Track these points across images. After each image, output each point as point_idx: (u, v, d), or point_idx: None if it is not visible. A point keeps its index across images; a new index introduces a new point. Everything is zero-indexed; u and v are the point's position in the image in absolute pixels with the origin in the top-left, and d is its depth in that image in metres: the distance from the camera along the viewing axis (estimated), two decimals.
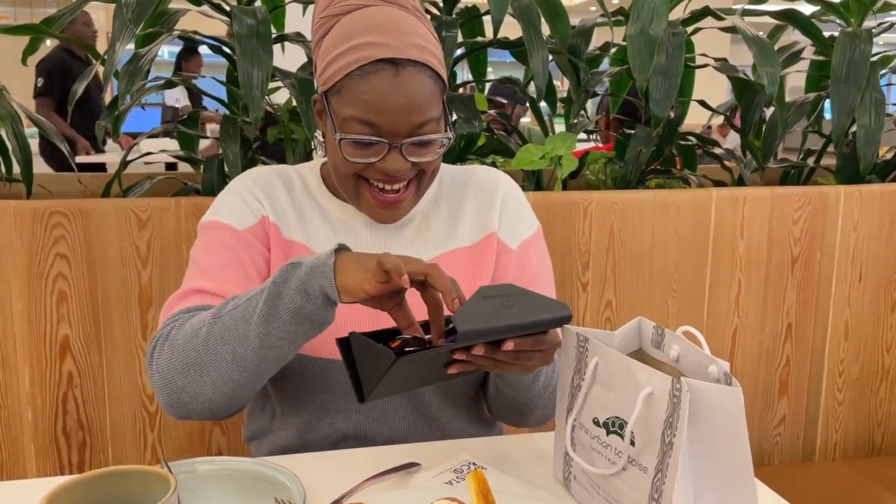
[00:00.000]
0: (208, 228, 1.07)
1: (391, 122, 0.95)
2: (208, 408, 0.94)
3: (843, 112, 1.76)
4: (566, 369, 0.84)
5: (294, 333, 0.88)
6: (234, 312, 0.91)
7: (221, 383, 0.92)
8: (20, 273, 1.36)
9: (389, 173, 0.97)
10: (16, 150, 1.52)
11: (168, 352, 0.94)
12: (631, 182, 1.76)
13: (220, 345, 0.90)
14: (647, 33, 1.57)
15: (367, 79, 0.95)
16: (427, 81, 0.97)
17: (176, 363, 0.93)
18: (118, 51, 1.44)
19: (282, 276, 0.88)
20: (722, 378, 0.72)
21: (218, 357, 0.91)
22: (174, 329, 0.96)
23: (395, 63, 0.95)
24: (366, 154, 0.97)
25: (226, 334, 0.90)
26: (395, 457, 0.95)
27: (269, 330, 0.88)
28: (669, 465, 0.69)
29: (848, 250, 1.73)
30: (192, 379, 0.92)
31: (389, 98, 0.94)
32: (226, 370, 0.91)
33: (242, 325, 0.89)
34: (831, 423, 1.81)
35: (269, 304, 0.87)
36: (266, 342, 0.89)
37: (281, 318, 0.87)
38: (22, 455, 1.42)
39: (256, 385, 0.95)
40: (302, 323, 0.88)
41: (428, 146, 0.98)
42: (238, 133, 1.56)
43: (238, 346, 0.90)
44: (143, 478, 0.61)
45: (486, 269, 1.12)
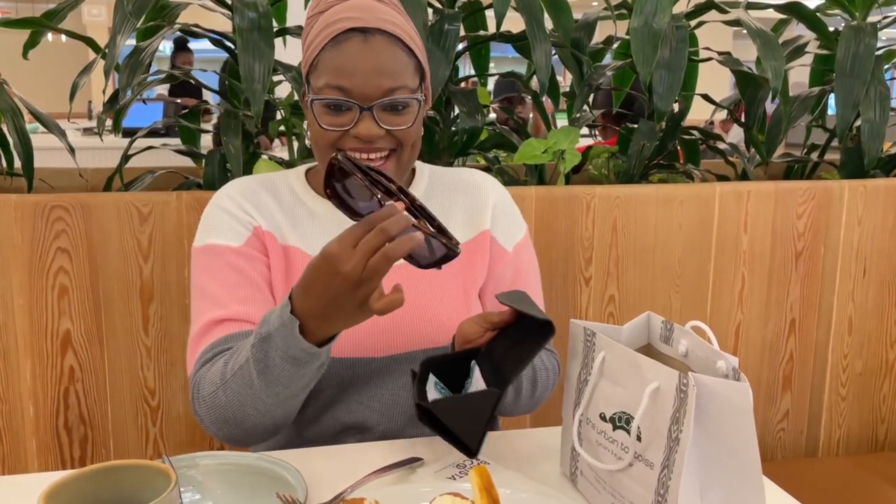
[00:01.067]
0: (205, 253, 1.06)
1: (361, 85, 0.97)
2: (265, 436, 0.97)
3: (847, 106, 1.75)
4: (573, 364, 0.83)
5: (302, 384, 0.90)
6: (236, 378, 0.91)
7: (262, 426, 0.94)
8: (21, 267, 1.35)
9: (363, 138, 0.98)
10: (17, 144, 1.51)
11: (207, 409, 0.96)
12: (634, 177, 1.75)
13: (240, 406, 0.92)
14: (651, 27, 1.56)
15: (339, 47, 0.98)
16: (398, 52, 1.00)
17: (216, 418, 0.95)
18: (119, 44, 1.44)
19: (260, 353, 0.87)
20: (730, 373, 0.71)
21: (245, 414, 0.93)
22: (201, 383, 0.97)
23: (364, 31, 0.99)
24: (339, 120, 0.99)
25: (239, 398, 0.92)
26: (396, 452, 0.95)
27: (276, 391, 0.89)
28: (675, 461, 0.68)
29: (852, 245, 1.73)
30: (235, 427, 0.95)
31: (359, 62, 0.97)
32: (259, 420, 0.93)
33: (248, 390, 0.90)
34: (835, 418, 1.80)
35: (264, 377, 0.88)
36: (279, 398, 0.90)
37: (282, 384, 0.89)
38: (23, 449, 1.41)
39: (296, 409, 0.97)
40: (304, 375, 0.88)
41: (401, 112, 1.00)
42: (239, 127, 1.55)
43: (257, 404, 0.91)
44: (144, 472, 0.61)
45: (480, 264, 1.13)
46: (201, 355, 1.00)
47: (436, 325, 1.08)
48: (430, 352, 1.07)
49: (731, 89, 2.05)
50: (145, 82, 1.60)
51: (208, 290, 1.03)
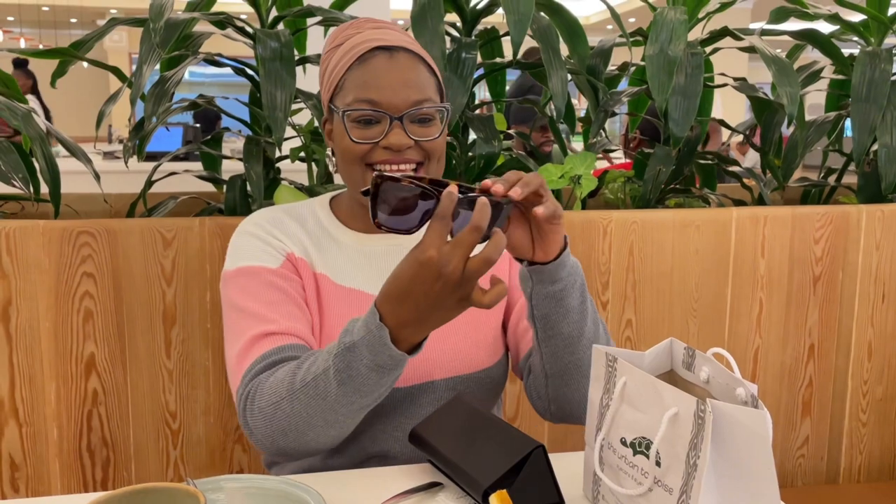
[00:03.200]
0: (240, 274, 1.05)
1: (390, 97, 1.01)
2: (318, 449, 0.97)
3: (864, 131, 1.76)
4: (595, 388, 0.84)
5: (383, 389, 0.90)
6: (307, 389, 0.90)
7: (323, 439, 0.94)
8: (48, 292, 1.38)
9: (394, 147, 1.01)
10: (44, 171, 1.54)
11: (263, 420, 0.94)
12: (650, 201, 1.76)
13: (307, 417, 0.91)
14: (666, 53, 1.58)
15: (365, 64, 1.02)
16: (421, 68, 1.04)
17: (275, 430, 0.93)
18: (145, 74, 1.47)
19: (342, 363, 0.87)
20: (749, 401, 0.72)
21: (311, 425, 0.92)
22: (258, 393, 0.95)
23: (389, 49, 1.03)
24: (370, 133, 1.01)
25: (308, 409, 0.91)
26: (417, 476, 0.96)
27: (353, 400, 0.89)
28: (693, 487, 0.69)
29: (870, 270, 1.72)
30: (294, 439, 0.94)
31: (387, 75, 1.01)
32: (323, 431, 0.93)
33: (321, 401, 0.90)
34: (855, 444, 1.78)
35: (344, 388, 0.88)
36: (354, 408, 0.90)
37: (363, 392, 0.88)
38: (47, 471, 1.43)
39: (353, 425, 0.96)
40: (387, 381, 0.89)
41: (428, 124, 1.03)
42: (261, 153, 1.58)
43: (327, 415, 0.91)
44: (172, 495, 0.62)
45: None
46: (252, 366, 0.98)
47: (456, 355, 1.09)
48: (451, 381, 1.08)
49: (746, 113, 2.06)
50: (169, 110, 1.64)
51: (249, 308, 1.02)
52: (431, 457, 0.94)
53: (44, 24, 12.10)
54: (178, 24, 1.45)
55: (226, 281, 1.07)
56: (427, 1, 1.54)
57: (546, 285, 0.95)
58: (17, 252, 1.36)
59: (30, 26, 12.93)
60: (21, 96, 1.70)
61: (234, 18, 1.63)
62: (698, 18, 1.84)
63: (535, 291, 0.96)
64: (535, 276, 0.95)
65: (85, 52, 1.67)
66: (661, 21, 1.63)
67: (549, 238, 0.92)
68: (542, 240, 0.92)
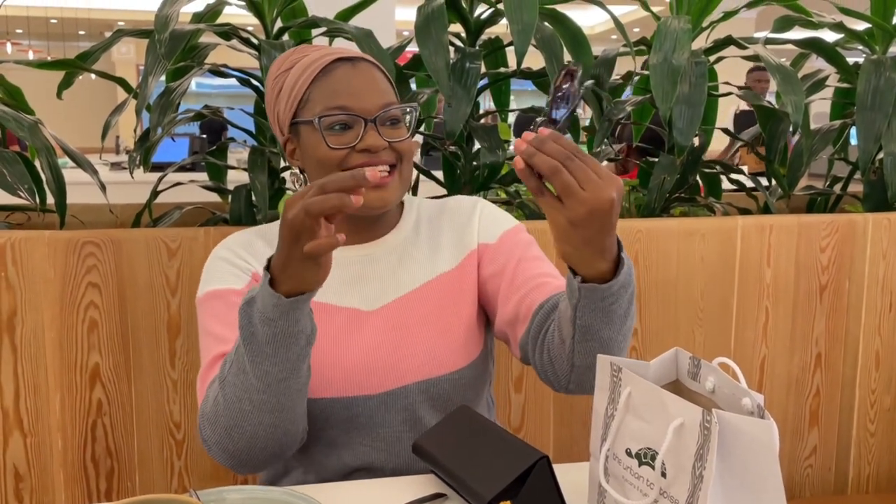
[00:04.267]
0: (208, 299, 1.09)
1: (360, 101, 1.04)
2: (269, 455, 0.97)
3: (869, 139, 1.75)
4: (600, 398, 0.84)
5: (287, 359, 0.90)
6: (230, 369, 0.94)
7: (262, 431, 0.94)
8: (53, 302, 1.39)
9: (371, 149, 1.03)
10: (50, 181, 1.55)
11: (209, 425, 0.97)
12: (655, 210, 1.76)
13: (238, 402, 0.93)
14: (670, 62, 1.58)
15: (330, 75, 1.05)
16: (381, 76, 1.09)
17: (219, 432, 0.96)
18: (150, 85, 1.48)
19: (244, 319, 0.90)
20: (755, 411, 0.71)
21: (243, 413, 0.93)
22: (204, 402, 0.99)
23: (350, 59, 1.07)
24: (345, 138, 1.04)
25: (235, 391, 0.93)
26: (422, 487, 0.95)
27: (264, 369, 0.90)
28: (700, 498, 0.68)
29: (877, 279, 1.71)
30: (238, 439, 0.95)
31: (353, 82, 1.05)
32: (257, 419, 0.93)
33: (242, 377, 0.92)
34: (864, 454, 1.77)
35: (250, 348, 0.90)
36: (269, 379, 0.91)
37: (266, 354, 0.89)
38: (51, 482, 1.43)
39: (295, 419, 0.96)
40: (287, 347, 0.89)
41: (398, 125, 1.07)
42: (266, 163, 1.58)
43: (251, 395, 0.92)
44: None
45: (469, 287, 1.14)
46: (208, 387, 1.01)
47: (428, 358, 1.09)
48: (423, 384, 1.08)
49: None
50: (175, 120, 1.64)
51: (213, 330, 1.06)
52: (435, 468, 0.94)
53: (52, 36, 12.19)
54: (184, 35, 1.46)
55: (198, 306, 1.10)
56: (431, 11, 1.55)
57: (595, 301, 0.90)
58: (22, 262, 1.37)
59: (38, 38, 13.03)
60: (28, 107, 1.71)
61: (240, 29, 1.64)
62: (702, 28, 1.84)
63: (581, 304, 0.91)
64: (585, 291, 0.90)
65: (91, 64, 1.68)
66: (665, 30, 1.63)
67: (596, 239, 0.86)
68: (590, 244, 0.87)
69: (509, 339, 1.12)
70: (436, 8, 1.56)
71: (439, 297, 1.12)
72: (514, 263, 1.12)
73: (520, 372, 1.58)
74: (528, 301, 1.07)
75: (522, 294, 1.08)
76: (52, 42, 12.54)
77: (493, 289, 1.13)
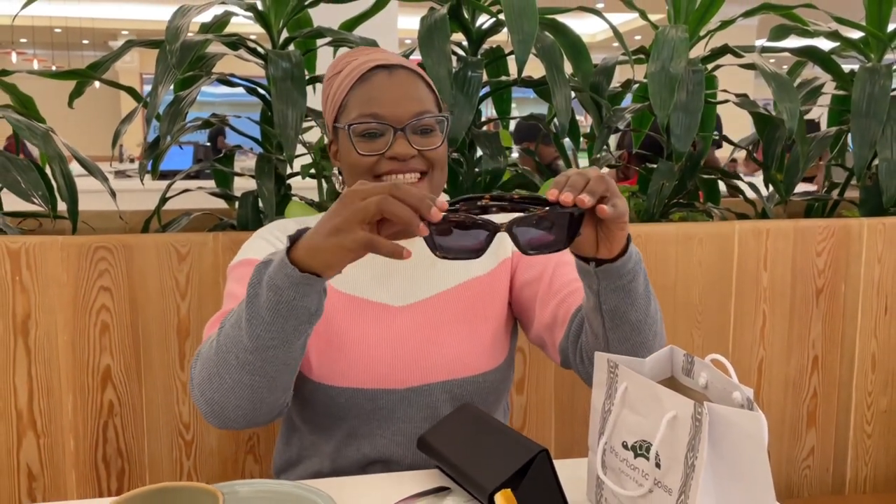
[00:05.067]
0: (239, 266, 1.12)
1: (392, 109, 1.06)
2: (240, 415, 0.96)
3: (864, 145, 1.78)
4: (598, 394, 0.87)
5: (281, 330, 0.88)
6: (230, 319, 0.94)
7: (239, 389, 0.94)
8: (66, 305, 1.42)
9: (399, 157, 1.05)
10: (62, 188, 1.59)
11: (199, 366, 0.98)
12: (654, 215, 1.79)
13: (226, 353, 0.93)
14: (668, 71, 1.62)
15: (366, 82, 1.08)
16: (420, 84, 1.10)
17: (203, 375, 0.96)
18: (160, 94, 1.52)
19: (256, 277, 0.89)
20: (745, 404, 0.74)
21: (227, 364, 0.93)
22: (204, 345, 1.00)
23: (388, 67, 1.09)
24: (375, 145, 1.06)
25: (228, 342, 0.93)
26: (426, 482, 0.98)
27: (257, 332, 0.89)
28: (692, 487, 0.72)
29: (873, 282, 1.74)
30: (216, 388, 0.95)
31: (387, 90, 1.07)
32: (237, 376, 0.93)
33: (237, 331, 0.92)
34: (861, 455, 1.80)
35: (250, 307, 0.89)
36: (259, 343, 0.90)
37: (263, 318, 0.88)
38: (63, 482, 1.46)
39: (274, 389, 0.95)
40: (285, 318, 0.88)
41: (430, 134, 1.08)
42: (273, 170, 1.62)
43: (239, 351, 0.91)
44: (193, 493, 0.65)
45: (500, 293, 1.17)
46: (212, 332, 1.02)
47: (454, 359, 1.12)
48: (447, 384, 1.11)
49: (752, 128, 2.09)
50: (184, 128, 1.68)
51: (234, 292, 1.08)
52: (439, 462, 0.97)
53: (56, 45, 12.28)
54: (193, 45, 1.50)
55: (228, 274, 1.13)
56: (434, 21, 1.59)
57: (614, 280, 0.95)
58: (36, 267, 1.40)
59: (43, 48, 13.12)
60: (39, 115, 1.75)
61: (246, 39, 1.68)
62: (699, 37, 1.87)
63: (602, 287, 0.96)
64: (602, 274, 0.95)
65: (102, 73, 1.72)
66: (663, 39, 1.67)
67: (614, 236, 0.91)
68: (607, 238, 0.92)
69: (546, 343, 1.15)
70: (438, 18, 1.60)
71: (469, 300, 1.15)
72: (551, 268, 1.15)
73: (521, 374, 1.61)
74: (566, 305, 1.10)
75: (560, 298, 1.12)
76: (56, 51, 12.64)
77: (531, 294, 1.16)
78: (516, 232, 0.84)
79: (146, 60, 13.34)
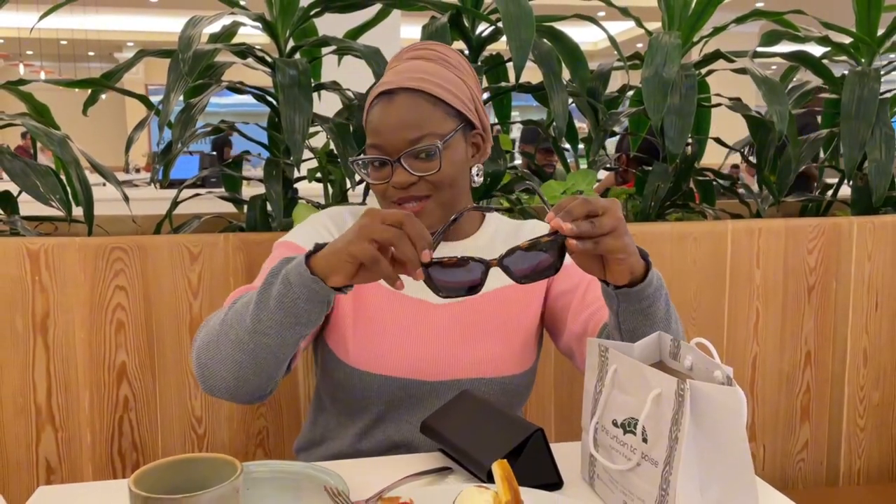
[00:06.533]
0: (281, 245, 1.19)
1: (387, 140, 1.10)
2: (223, 385, 1.02)
3: (854, 147, 1.84)
4: (590, 377, 0.93)
5: (280, 323, 0.94)
6: (243, 298, 1.02)
7: (229, 363, 1.00)
8: (83, 304, 1.48)
9: (397, 186, 1.10)
10: (78, 193, 1.65)
11: (203, 331, 1.05)
12: (650, 216, 1.85)
13: (229, 327, 1.00)
14: (661, 75, 1.68)
15: (372, 110, 1.13)
16: (421, 103, 1.10)
17: (203, 340, 1.04)
18: (172, 101, 1.58)
19: (277, 267, 0.96)
20: (725, 381, 0.80)
21: (226, 337, 1.00)
22: (214, 315, 1.07)
23: (389, 93, 1.12)
24: (381, 174, 1.12)
25: (233, 318, 1.00)
26: (430, 464, 1.04)
27: (260, 316, 0.96)
28: (675, 458, 0.77)
29: (863, 279, 1.79)
30: (211, 355, 1.02)
31: (384, 120, 1.10)
32: (230, 350, 0.99)
33: (244, 310, 0.99)
34: (854, 448, 1.84)
35: (262, 293, 0.96)
36: (258, 327, 0.96)
37: (268, 306, 0.95)
38: (80, 474, 1.52)
39: (259, 373, 1.00)
40: (286, 312, 0.93)
41: (429, 159, 1.10)
42: (280, 174, 1.68)
43: (239, 329, 0.98)
44: (214, 463, 0.71)
45: (534, 303, 1.22)
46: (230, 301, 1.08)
47: (483, 359, 1.17)
48: (476, 382, 1.16)
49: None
50: (195, 135, 1.74)
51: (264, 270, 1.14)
52: (441, 444, 1.02)
53: (63, 57, 12.40)
54: (204, 54, 1.56)
55: (274, 247, 1.21)
56: (435, 29, 1.65)
57: (633, 303, 0.97)
58: (54, 267, 1.46)
59: (49, 59, 13.26)
60: (55, 123, 1.82)
61: (254, 48, 1.74)
62: (693, 42, 1.93)
63: (622, 309, 0.98)
64: (621, 296, 0.97)
65: (115, 82, 1.78)
66: (657, 45, 1.73)
67: (613, 270, 0.93)
68: (609, 270, 0.93)
69: (575, 353, 1.19)
70: (439, 26, 1.66)
71: (504, 305, 1.20)
72: (586, 282, 1.18)
73: None
74: (596, 318, 1.14)
75: (592, 311, 1.15)
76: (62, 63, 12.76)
77: (564, 305, 1.20)
78: (507, 263, 0.89)
79: (151, 72, 13.47)
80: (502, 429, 0.95)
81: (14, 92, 1.79)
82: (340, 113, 1.83)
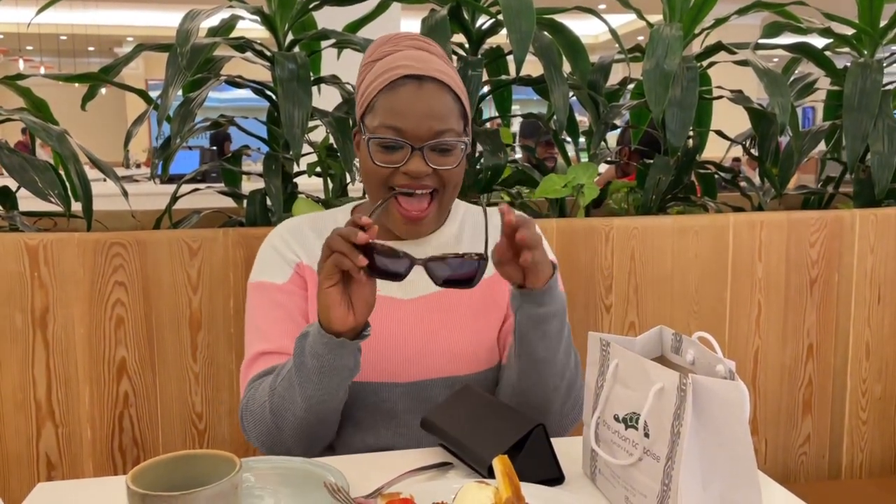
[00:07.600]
0: (256, 289, 1.20)
1: (414, 127, 1.07)
2: (299, 451, 1.08)
3: (856, 139, 1.83)
4: (592, 372, 0.92)
5: (330, 387, 1.03)
6: (283, 383, 1.06)
7: (298, 435, 1.07)
8: (83, 300, 1.47)
9: (412, 175, 1.08)
10: (77, 188, 1.64)
11: (251, 420, 1.10)
12: (652, 209, 1.84)
13: (282, 411, 1.05)
14: (662, 68, 1.67)
15: (394, 91, 1.08)
16: (447, 98, 1.10)
17: (260, 429, 1.09)
18: (171, 96, 1.57)
19: (298, 349, 1.03)
20: (727, 375, 0.79)
21: (285, 421, 1.06)
22: (250, 399, 1.11)
23: (418, 78, 1.08)
24: (392, 158, 1.09)
25: (282, 403, 1.05)
26: (431, 459, 1.03)
27: (309, 393, 1.02)
28: (677, 453, 0.76)
29: (865, 272, 1.78)
30: (276, 438, 1.08)
31: (413, 105, 1.07)
32: (296, 426, 1.06)
33: (290, 393, 1.04)
34: (856, 441, 1.84)
35: (300, 374, 1.02)
36: (311, 403, 1.03)
37: (312, 382, 1.01)
38: (81, 470, 1.51)
39: (328, 427, 1.10)
40: (330, 377, 1.01)
41: (447, 154, 1.09)
42: (280, 169, 1.67)
43: (294, 409, 1.04)
44: (213, 460, 0.70)
45: (501, 295, 1.21)
46: (250, 383, 1.14)
47: (455, 355, 1.17)
48: (448, 380, 1.16)
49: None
50: (193, 129, 1.73)
51: (256, 322, 1.18)
52: (442, 440, 1.02)
53: (63, 52, 12.39)
54: (202, 47, 1.55)
55: (249, 291, 1.22)
56: (435, 22, 1.64)
57: (533, 307, 1.04)
58: (54, 263, 1.46)
59: (49, 55, 13.24)
60: (53, 118, 1.81)
61: (253, 42, 1.73)
62: (694, 34, 1.92)
63: (521, 310, 1.05)
64: (524, 296, 1.05)
65: (114, 77, 1.77)
66: (658, 37, 1.72)
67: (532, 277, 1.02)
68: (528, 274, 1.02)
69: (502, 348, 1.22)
70: (439, 19, 1.65)
71: (475, 297, 1.19)
72: None
73: None
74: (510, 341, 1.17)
75: None
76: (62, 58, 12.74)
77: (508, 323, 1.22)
78: (431, 266, 0.98)
79: (150, 67, 13.44)
80: (503, 424, 0.95)
81: (12, 87, 1.78)
82: (340, 107, 1.82)
